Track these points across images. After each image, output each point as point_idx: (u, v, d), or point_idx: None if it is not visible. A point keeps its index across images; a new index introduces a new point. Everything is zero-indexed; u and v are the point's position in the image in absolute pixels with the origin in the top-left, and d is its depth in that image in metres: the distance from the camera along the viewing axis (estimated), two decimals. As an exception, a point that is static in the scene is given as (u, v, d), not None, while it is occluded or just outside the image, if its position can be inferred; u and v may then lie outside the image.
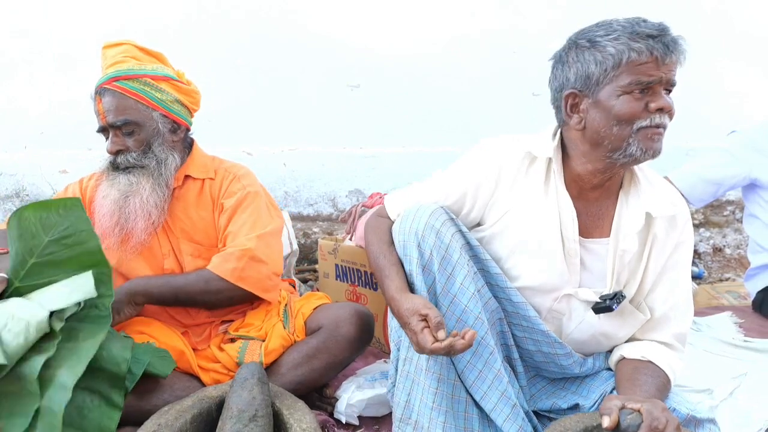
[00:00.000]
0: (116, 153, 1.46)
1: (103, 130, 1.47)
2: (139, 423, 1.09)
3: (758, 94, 3.33)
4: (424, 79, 3.09)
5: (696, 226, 3.29)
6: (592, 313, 1.19)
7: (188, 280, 1.44)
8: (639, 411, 0.93)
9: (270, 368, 1.43)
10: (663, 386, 1.13)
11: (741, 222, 2.94)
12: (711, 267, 3.16)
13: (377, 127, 3.10)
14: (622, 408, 0.94)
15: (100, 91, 1.45)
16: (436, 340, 1.00)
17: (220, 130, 1.73)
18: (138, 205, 1.43)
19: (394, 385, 1.24)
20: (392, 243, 1.21)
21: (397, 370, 1.23)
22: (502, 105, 2.98)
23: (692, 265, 2.79)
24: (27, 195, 2.96)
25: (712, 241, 3.24)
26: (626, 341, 1.27)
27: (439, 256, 1.14)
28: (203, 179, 1.55)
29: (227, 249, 1.46)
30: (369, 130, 3.10)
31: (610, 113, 1.08)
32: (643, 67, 1.05)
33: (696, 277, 2.79)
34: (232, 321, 1.56)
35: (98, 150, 2.87)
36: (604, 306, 1.16)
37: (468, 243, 1.20)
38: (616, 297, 1.16)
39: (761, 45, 3.32)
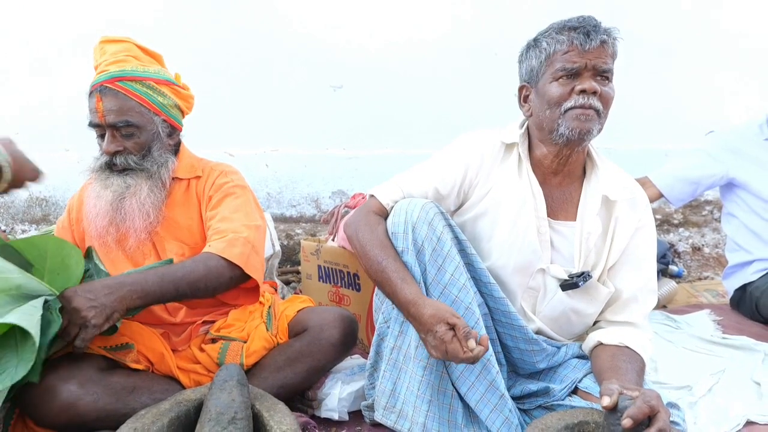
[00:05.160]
0: (114, 153, 1.42)
1: (97, 126, 1.43)
2: (116, 427, 1.06)
3: (737, 96, 3.39)
4: (407, 81, 3.09)
5: (675, 226, 3.34)
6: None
7: (188, 269, 1.31)
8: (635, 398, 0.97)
9: (251, 371, 1.41)
10: (641, 370, 1.21)
11: (719, 221, 2.99)
12: (690, 266, 3.21)
13: (360, 128, 3.10)
14: (621, 393, 0.98)
15: (101, 89, 1.39)
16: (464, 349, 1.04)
17: (201, 131, 1.71)
18: (135, 205, 1.41)
19: (375, 372, 1.27)
20: (393, 246, 1.22)
21: (380, 356, 1.26)
22: (485, 106, 2.99)
23: (672, 264, 2.85)
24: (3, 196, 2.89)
25: (691, 241, 3.29)
26: (597, 324, 1.35)
27: (430, 247, 1.19)
28: (189, 179, 1.54)
29: (227, 235, 1.40)
30: (352, 132, 3.10)
31: (544, 98, 1.24)
32: (567, 55, 1.21)
33: (675, 276, 2.83)
34: (213, 322, 1.54)
35: (75, 151, 2.84)
36: (571, 283, 1.26)
37: (456, 237, 1.24)
38: (583, 276, 1.26)
39: (740, 48, 3.38)
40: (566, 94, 1.21)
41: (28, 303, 1.10)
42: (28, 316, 1.05)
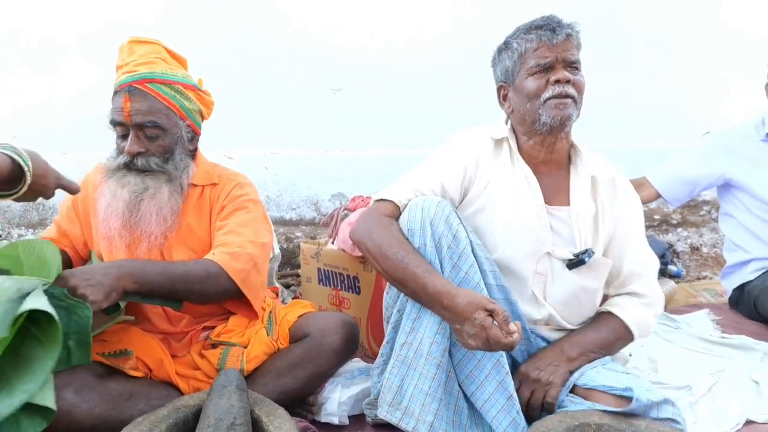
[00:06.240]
0: (136, 155, 1.40)
1: (120, 124, 1.41)
2: (114, 434, 1.06)
3: (737, 95, 3.39)
4: (407, 81, 3.09)
5: (674, 226, 3.34)
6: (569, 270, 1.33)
7: (188, 268, 1.33)
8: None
9: (252, 377, 1.40)
10: (610, 330, 1.33)
11: (717, 221, 3.00)
12: (689, 266, 3.21)
13: (359, 129, 3.09)
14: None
15: (130, 89, 1.37)
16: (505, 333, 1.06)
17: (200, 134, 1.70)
18: (153, 208, 1.39)
19: (385, 368, 1.26)
20: (410, 242, 1.23)
21: (393, 352, 1.25)
22: (484, 107, 2.98)
23: (671, 264, 2.86)
24: (0, 202, 2.89)
25: (689, 241, 3.30)
26: (603, 301, 1.41)
27: (446, 244, 1.20)
28: (203, 186, 1.53)
29: (232, 248, 1.40)
30: (351, 133, 3.09)
31: (522, 93, 1.34)
32: (538, 51, 1.31)
33: (674, 276, 2.83)
34: (213, 327, 1.52)
35: (73, 154, 2.83)
36: (577, 261, 1.31)
37: (468, 237, 1.25)
38: (587, 252, 1.31)
39: (740, 46, 3.38)
40: (542, 86, 1.30)
41: (31, 294, 1.06)
42: (38, 298, 1.01)
